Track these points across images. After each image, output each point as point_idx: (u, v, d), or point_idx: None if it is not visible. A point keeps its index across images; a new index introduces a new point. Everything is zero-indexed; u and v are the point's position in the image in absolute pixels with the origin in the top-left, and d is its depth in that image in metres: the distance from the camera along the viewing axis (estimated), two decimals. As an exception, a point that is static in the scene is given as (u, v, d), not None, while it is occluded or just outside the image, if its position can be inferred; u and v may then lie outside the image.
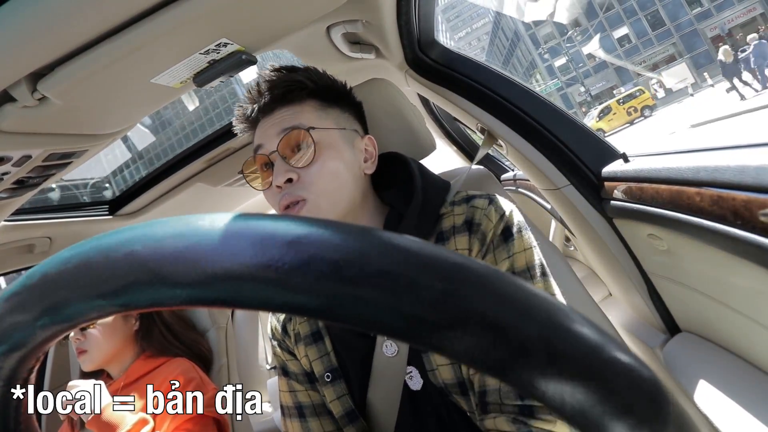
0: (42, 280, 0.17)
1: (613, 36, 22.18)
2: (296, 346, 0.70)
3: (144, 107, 0.73)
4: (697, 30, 30.80)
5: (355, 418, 0.66)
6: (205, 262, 0.15)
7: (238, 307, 0.16)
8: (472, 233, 0.62)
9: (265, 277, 0.15)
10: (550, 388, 0.14)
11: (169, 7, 0.50)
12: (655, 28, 33.04)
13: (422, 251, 0.15)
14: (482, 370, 0.15)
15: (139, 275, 0.16)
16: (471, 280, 0.15)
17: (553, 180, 0.95)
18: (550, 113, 0.96)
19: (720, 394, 0.73)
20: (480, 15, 67.18)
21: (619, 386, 0.15)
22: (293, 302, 0.15)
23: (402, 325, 0.15)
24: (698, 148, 0.69)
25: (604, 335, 0.15)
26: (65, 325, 0.18)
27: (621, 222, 0.91)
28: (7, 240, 1.02)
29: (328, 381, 0.66)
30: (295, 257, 0.15)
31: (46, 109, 0.56)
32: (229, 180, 1.45)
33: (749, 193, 0.53)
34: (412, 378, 0.63)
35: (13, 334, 0.18)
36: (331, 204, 0.61)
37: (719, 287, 0.73)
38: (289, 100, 0.64)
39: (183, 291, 0.15)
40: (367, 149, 0.69)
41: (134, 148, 58.60)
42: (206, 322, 1.42)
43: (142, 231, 0.17)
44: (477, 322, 0.14)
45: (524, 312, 0.15)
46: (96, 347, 1.09)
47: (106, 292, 0.16)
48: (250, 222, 0.16)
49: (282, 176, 0.60)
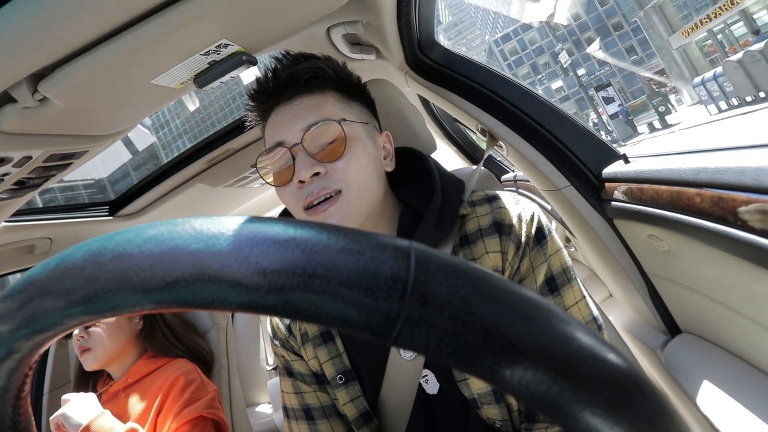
0: (24, 290, 0.18)
1: (576, 74, 27.82)
2: (303, 347, 0.68)
3: (144, 108, 0.73)
4: (634, 72, 46.75)
5: (370, 419, 0.64)
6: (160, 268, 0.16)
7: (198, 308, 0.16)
8: (503, 235, 0.60)
9: (228, 279, 0.15)
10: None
11: (170, 8, 0.50)
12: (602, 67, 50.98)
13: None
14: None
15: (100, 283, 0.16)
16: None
17: (554, 181, 0.95)
18: (550, 114, 0.96)
19: (721, 395, 0.73)
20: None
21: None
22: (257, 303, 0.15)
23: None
24: (698, 149, 0.69)
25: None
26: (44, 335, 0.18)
27: (621, 223, 0.91)
28: (7, 241, 1.02)
29: (341, 383, 0.64)
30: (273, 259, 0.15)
31: (46, 109, 0.57)
32: (230, 181, 1.45)
33: (749, 194, 0.53)
34: (428, 382, 0.62)
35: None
36: (361, 200, 0.57)
37: (720, 288, 0.73)
38: (310, 88, 0.60)
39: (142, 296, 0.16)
40: (386, 146, 0.66)
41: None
42: (207, 322, 1.42)
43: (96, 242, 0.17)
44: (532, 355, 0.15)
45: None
46: (100, 345, 1.09)
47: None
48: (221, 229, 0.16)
49: (308, 170, 0.55)
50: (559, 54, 28.50)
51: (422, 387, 0.62)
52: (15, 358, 0.19)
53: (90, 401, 0.99)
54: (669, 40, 28.42)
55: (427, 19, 0.97)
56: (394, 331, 0.15)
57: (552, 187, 0.96)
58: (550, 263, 0.60)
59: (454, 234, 0.62)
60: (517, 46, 58.39)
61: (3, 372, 0.19)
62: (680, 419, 0.16)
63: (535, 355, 0.14)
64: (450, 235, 0.62)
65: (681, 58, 28.79)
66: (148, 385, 1.10)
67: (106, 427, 0.94)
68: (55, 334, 0.18)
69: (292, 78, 0.59)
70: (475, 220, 0.62)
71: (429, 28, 1.00)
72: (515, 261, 0.59)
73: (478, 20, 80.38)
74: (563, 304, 0.59)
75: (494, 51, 59.73)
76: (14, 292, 0.17)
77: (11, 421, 0.21)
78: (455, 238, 0.62)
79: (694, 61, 28.07)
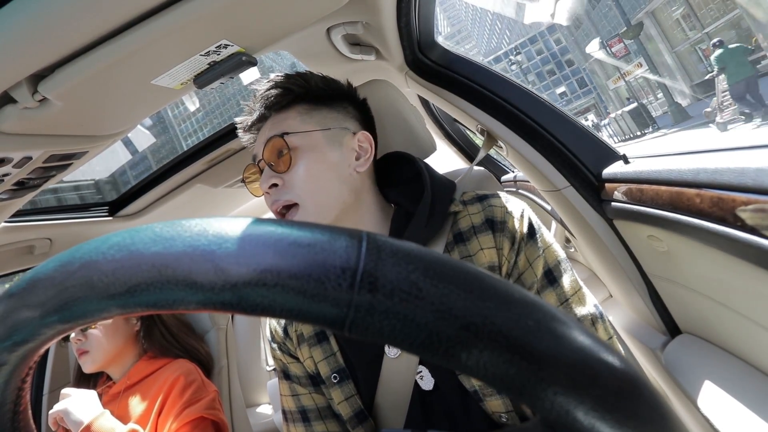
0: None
1: (556, 92, 33.91)
2: (299, 348, 0.69)
3: (144, 108, 0.73)
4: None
5: (365, 419, 0.64)
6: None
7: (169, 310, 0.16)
8: (496, 232, 0.62)
9: (184, 280, 0.15)
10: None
11: (170, 9, 0.50)
12: (581, 87, 60.61)
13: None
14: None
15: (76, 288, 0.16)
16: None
17: (553, 181, 0.95)
18: (549, 114, 0.96)
19: (721, 396, 0.72)
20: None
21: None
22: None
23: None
24: (698, 150, 0.69)
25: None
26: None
27: (621, 223, 0.91)
28: (7, 241, 1.02)
29: (336, 382, 0.65)
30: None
31: (46, 110, 0.57)
32: (230, 181, 1.45)
33: (749, 195, 0.53)
34: (423, 378, 0.62)
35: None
36: (319, 206, 0.62)
37: (720, 288, 0.73)
38: (278, 107, 0.67)
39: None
40: (362, 146, 0.68)
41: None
42: (207, 323, 1.42)
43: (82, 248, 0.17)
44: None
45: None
46: (98, 348, 1.09)
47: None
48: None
49: (266, 182, 0.63)
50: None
51: (418, 384, 0.62)
52: (4, 372, 0.19)
53: (91, 399, 0.98)
54: (606, 83, 40.45)
55: (427, 20, 0.97)
56: (348, 320, 0.15)
57: (552, 188, 0.96)
58: (546, 257, 0.62)
59: (445, 232, 0.64)
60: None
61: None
62: (649, 389, 0.16)
63: (491, 335, 0.14)
64: (441, 233, 0.64)
65: (614, 95, 42.75)
66: (149, 385, 1.09)
67: (107, 428, 0.93)
68: (38, 344, 0.18)
69: (263, 101, 0.67)
70: (468, 218, 0.65)
71: (429, 28, 1.00)
72: (511, 256, 0.61)
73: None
74: (564, 294, 0.61)
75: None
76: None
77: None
78: (448, 236, 0.64)
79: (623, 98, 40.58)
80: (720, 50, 9.95)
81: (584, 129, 0.95)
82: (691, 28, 24.43)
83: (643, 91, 36.64)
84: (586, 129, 0.95)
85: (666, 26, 26.30)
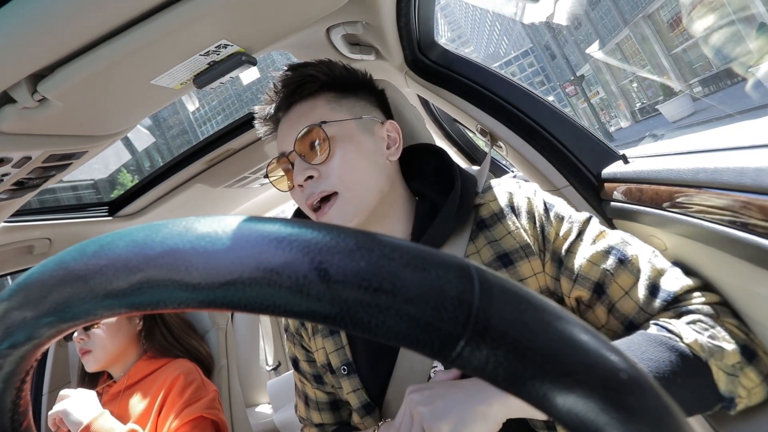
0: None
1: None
2: (313, 338, 0.71)
3: (144, 108, 0.73)
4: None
5: (372, 410, 0.66)
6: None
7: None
8: (517, 215, 0.63)
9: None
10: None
11: (169, 9, 0.50)
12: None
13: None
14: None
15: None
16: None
17: (553, 181, 0.95)
18: (549, 114, 0.96)
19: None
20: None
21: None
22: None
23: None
24: (698, 150, 0.69)
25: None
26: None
27: (621, 223, 0.91)
28: (7, 241, 1.02)
29: (345, 374, 0.67)
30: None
31: (46, 110, 0.56)
32: (230, 181, 1.45)
33: (749, 194, 0.53)
34: (437, 375, 0.62)
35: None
36: (359, 197, 0.61)
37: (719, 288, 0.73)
38: (303, 95, 0.64)
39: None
40: (390, 135, 0.68)
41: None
42: (206, 323, 1.42)
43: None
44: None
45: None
46: (101, 347, 1.09)
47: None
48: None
49: (301, 175, 0.60)
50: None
51: (431, 379, 0.63)
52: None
53: (90, 399, 0.99)
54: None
55: (427, 20, 0.97)
56: (454, 352, 0.15)
57: (551, 188, 0.96)
58: (573, 225, 0.62)
59: (470, 223, 0.65)
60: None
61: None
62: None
63: (588, 384, 0.15)
64: (466, 224, 0.65)
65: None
66: (149, 385, 1.09)
67: (106, 428, 0.93)
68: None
69: (285, 88, 0.64)
70: (487, 206, 0.66)
71: (428, 28, 1.00)
72: (537, 234, 0.62)
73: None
74: (608, 243, 0.60)
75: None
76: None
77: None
78: (471, 226, 0.65)
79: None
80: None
81: (584, 129, 0.95)
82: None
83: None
84: (585, 129, 0.95)
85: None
